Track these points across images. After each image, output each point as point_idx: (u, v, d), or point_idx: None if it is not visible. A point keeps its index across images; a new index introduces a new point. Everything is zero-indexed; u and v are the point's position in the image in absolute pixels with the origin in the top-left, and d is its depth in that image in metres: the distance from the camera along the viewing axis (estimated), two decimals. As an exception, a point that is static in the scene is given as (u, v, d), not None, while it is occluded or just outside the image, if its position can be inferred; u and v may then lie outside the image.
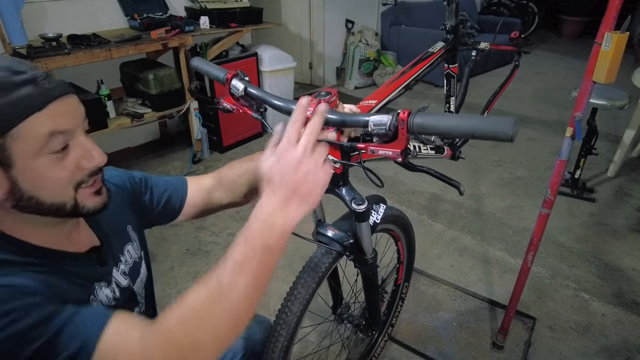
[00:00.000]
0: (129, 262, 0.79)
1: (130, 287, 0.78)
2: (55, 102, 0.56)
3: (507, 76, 1.87)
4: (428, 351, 1.57)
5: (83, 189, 0.62)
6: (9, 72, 0.54)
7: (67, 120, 0.58)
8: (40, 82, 0.56)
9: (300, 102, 0.62)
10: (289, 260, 2.04)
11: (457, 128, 0.60)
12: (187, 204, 0.89)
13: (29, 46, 2.11)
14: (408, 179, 2.75)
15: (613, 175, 2.78)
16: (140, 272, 0.83)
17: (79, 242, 0.69)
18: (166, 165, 2.95)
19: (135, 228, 0.84)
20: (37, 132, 0.55)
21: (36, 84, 0.55)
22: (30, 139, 0.55)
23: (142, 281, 0.83)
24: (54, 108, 0.56)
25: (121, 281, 0.75)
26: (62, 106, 0.57)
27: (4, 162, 0.54)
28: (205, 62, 0.90)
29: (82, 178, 0.61)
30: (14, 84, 0.54)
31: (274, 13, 4.32)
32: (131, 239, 0.82)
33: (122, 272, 0.76)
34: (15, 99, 0.53)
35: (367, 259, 0.97)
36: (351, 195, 0.86)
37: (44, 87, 0.56)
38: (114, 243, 0.76)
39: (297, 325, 0.91)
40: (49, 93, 0.56)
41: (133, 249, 0.81)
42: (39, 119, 0.55)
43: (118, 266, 0.75)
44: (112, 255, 0.75)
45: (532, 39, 6.57)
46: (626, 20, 1.01)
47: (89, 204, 0.63)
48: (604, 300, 1.82)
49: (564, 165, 1.19)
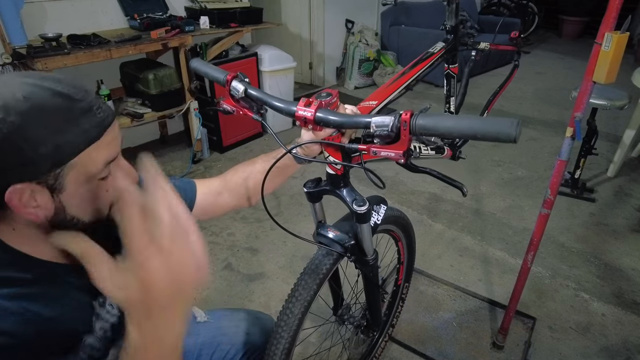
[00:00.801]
0: None
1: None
2: (108, 130, 0.57)
3: (507, 76, 1.87)
4: (428, 351, 1.57)
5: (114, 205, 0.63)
6: (70, 100, 0.54)
7: (114, 148, 0.59)
8: (96, 110, 0.56)
9: (163, 187, 0.50)
10: (289, 261, 2.04)
11: (459, 129, 0.60)
12: (195, 207, 0.90)
13: (29, 46, 2.11)
14: (408, 179, 2.75)
15: (613, 175, 2.78)
16: None
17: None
18: (166, 165, 2.95)
19: None
20: (93, 162, 0.56)
21: (94, 114, 0.56)
22: (85, 168, 0.55)
23: None
24: (106, 137, 0.57)
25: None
26: (112, 133, 0.58)
27: (55, 188, 0.55)
28: (204, 64, 0.89)
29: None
30: (75, 114, 0.54)
31: (274, 13, 4.31)
32: None
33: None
34: (77, 131, 0.54)
35: (368, 260, 0.97)
36: (352, 197, 0.86)
37: (100, 117, 0.56)
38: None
39: (298, 327, 0.90)
40: (103, 123, 0.57)
41: None
42: (95, 149, 0.56)
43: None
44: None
45: (532, 39, 6.56)
46: (626, 20, 1.01)
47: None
48: (603, 300, 1.82)
49: (564, 165, 1.19)
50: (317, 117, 0.72)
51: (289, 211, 2.43)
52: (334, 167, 0.84)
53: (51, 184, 0.54)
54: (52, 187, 0.54)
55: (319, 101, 0.73)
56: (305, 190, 0.91)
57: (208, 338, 0.98)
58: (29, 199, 0.53)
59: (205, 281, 0.50)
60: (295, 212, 2.41)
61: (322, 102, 0.73)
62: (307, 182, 0.91)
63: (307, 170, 2.66)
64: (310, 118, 0.72)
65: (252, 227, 2.28)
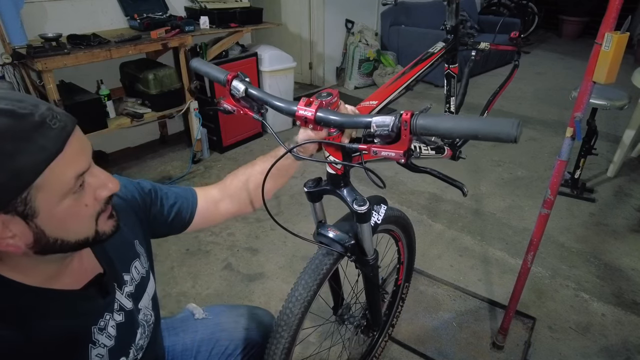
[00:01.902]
0: (135, 280, 0.76)
1: (133, 310, 0.75)
2: (69, 140, 0.53)
3: (507, 76, 1.87)
4: (428, 351, 1.57)
5: (101, 217, 0.60)
6: (16, 117, 0.49)
7: (83, 157, 0.56)
8: (50, 122, 0.51)
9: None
10: (289, 261, 2.04)
11: (460, 129, 0.60)
12: (196, 216, 0.89)
13: (29, 46, 2.11)
14: (408, 179, 2.75)
15: (613, 175, 2.78)
16: (147, 286, 0.80)
17: (81, 271, 0.66)
18: (166, 165, 2.95)
19: (143, 241, 0.82)
20: (61, 178, 0.52)
21: (48, 127, 0.51)
22: (54, 186, 0.52)
23: (149, 295, 0.80)
24: (70, 146, 0.53)
25: (125, 304, 0.72)
26: (76, 142, 0.54)
27: (27, 214, 0.51)
28: (205, 64, 0.89)
29: (100, 208, 0.60)
30: (26, 131, 0.49)
31: (274, 13, 4.32)
32: (138, 253, 0.79)
33: (127, 294, 0.73)
34: (33, 150, 0.49)
35: (368, 259, 0.97)
36: (352, 196, 0.86)
37: (57, 128, 0.52)
38: (118, 264, 0.73)
39: (298, 327, 0.90)
40: (62, 133, 0.52)
41: (140, 264, 0.79)
42: (59, 163, 0.51)
43: (122, 289, 0.72)
44: (116, 278, 0.72)
45: (532, 39, 6.57)
46: (626, 20, 1.01)
47: (107, 229, 0.62)
48: (603, 300, 1.82)
49: (564, 166, 1.19)
50: (318, 117, 0.72)
51: (289, 211, 2.43)
52: (335, 167, 0.84)
53: (21, 211, 0.50)
54: (24, 213, 0.51)
55: (320, 101, 0.73)
56: (306, 190, 0.91)
57: (207, 334, 0.98)
58: (2, 230, 0.50)
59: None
60: (295, 212, 2.41)
61: (322, 102, 0.73)
62: (308, 181, 0.91)
63: (307, 170, 2.67)
64: (310, 118, 0.72)
65: (252, 227, 2.28)
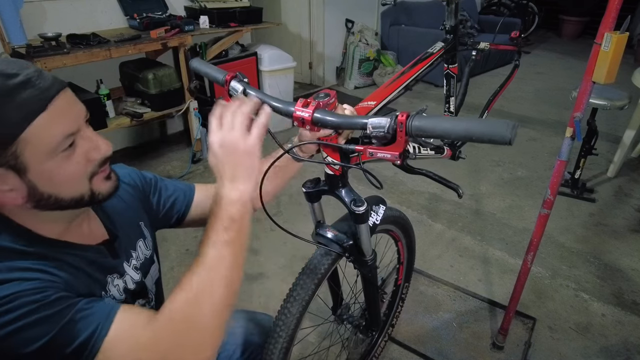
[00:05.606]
0: (140, 258, 0.80)
1: (142, 281, 0.79)
2: (54, 100, 0.56)
3: (507, 76, 1.87)
4: (428, 351, 1.57)
5: (95, 178, 0.64)
6: (2, 76, 0.54)
7: (71, 119, 0.59)
8: (35, 82, 0.55)
9: (239, 98, 0.70)
10: (288, 261, 2.04)
11: (455, 131, 0.60)
12: (193, 210, 0.91)
13: (29, 46, 2.11)
14: (408, 179, 2.74)
15: (613, 175, 2.78)
16: (151, 269, 0.84)
17: (91, 234, 0.71)
18: (166, 165, 2.95)
19: (148, 226, 0.85)
20: (47, 135, 0.55)
21: (33, 85, 0.55)
22: (41, 142, 0.55)
23: (152, 278, 0.84)
24: (55, 106, 0.56)
25: (133, 275, 0.76)
26: (62, 103, 0.57)
27: (19, 168, 0.55)
28: (204, 64, 0.89)
29: (93, 169, 0.63)
30: (10, 88, 0.53)
31: (274, 13, 4.31)
32: (144, 234, 0.83)
33: (134, 266, 0.78)
34: (16, 105, 0.53)
35: (367, 260, 0.97)
36: (350, 197, 0.86)
37: (41, 87, 0.55)
38: (125, 238, 0.77)
39: (296, 327, 0.90)
40: (47, 92, 0.56)
41: (145, 244, 0.82)
42: (44, 120, 0.55)
43: (129, 261, 0.77)
44: (124, 248, 0.76)
45: (532, 39, 6.56)
46: (626, 20, 1.01)
47: (103, 189, 0.66)
48: (603, 300, 1.81)
49: (563, 166, 1.19)
50: (315, 118, 0.72)
51: (288, 211, 2.43)
52: (333, 168, 0.84)
53: (13, 164, 0.55)
54: (15, 167, 0.55)
55: (317, 102, 0.73)
56: (304, 191, 0.91)
57: None
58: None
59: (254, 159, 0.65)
60: (294, 212, 2.41)
61: (320, 102, 0.73)
62: (306, 182, 0.91)
63: (306, 170, 2.66)
64: (307, 119, 0.72)
65: (252, 227, 2.27)
